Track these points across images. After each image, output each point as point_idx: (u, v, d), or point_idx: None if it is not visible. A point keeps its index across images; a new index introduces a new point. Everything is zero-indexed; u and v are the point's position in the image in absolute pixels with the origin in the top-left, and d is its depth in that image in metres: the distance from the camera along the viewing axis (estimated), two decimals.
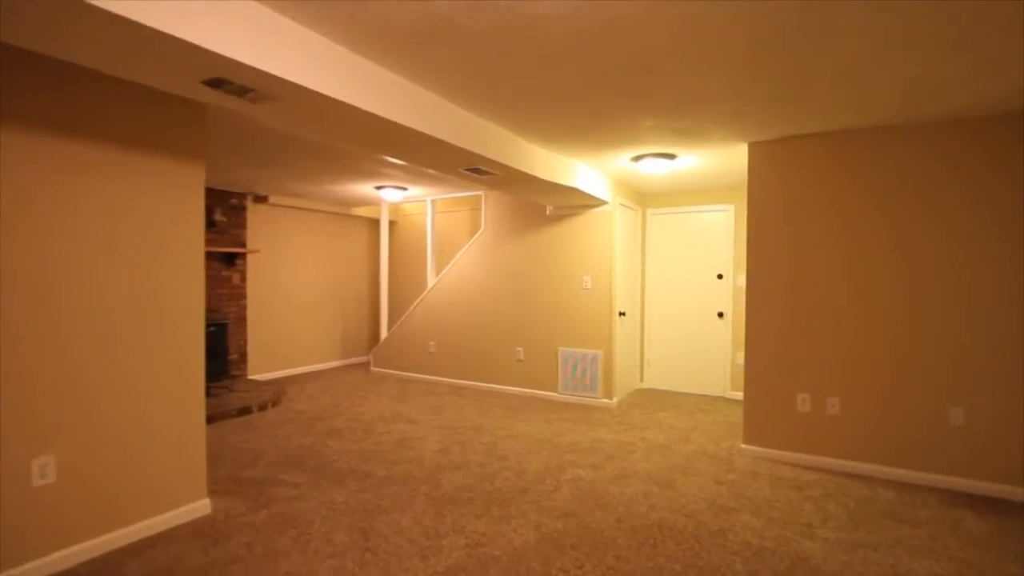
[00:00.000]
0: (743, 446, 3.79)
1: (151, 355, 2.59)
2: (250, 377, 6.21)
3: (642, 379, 6.03)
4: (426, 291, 6.32)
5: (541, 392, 5.47)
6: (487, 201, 5.84)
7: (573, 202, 5.01)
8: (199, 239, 2.80)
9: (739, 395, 5.47)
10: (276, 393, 5.35)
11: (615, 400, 5.14)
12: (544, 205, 5.44)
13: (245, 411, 4.79)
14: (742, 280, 5.45)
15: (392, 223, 7.75)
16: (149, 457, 2.58)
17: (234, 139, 3.76)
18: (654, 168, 4.20)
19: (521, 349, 5.60)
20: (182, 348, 2.72)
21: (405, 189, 5.67)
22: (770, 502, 2.98)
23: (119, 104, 2.46)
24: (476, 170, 3.55)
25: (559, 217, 5.37)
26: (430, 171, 4.63)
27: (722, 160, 4.25)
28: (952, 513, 2.86)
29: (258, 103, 2.23)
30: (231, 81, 1.97)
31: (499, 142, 3.37)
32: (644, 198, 6.00)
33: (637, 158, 4.18)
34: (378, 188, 5.59)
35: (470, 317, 5.95)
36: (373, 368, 6.80)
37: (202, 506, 2.80)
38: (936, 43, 2.19)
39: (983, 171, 3.14)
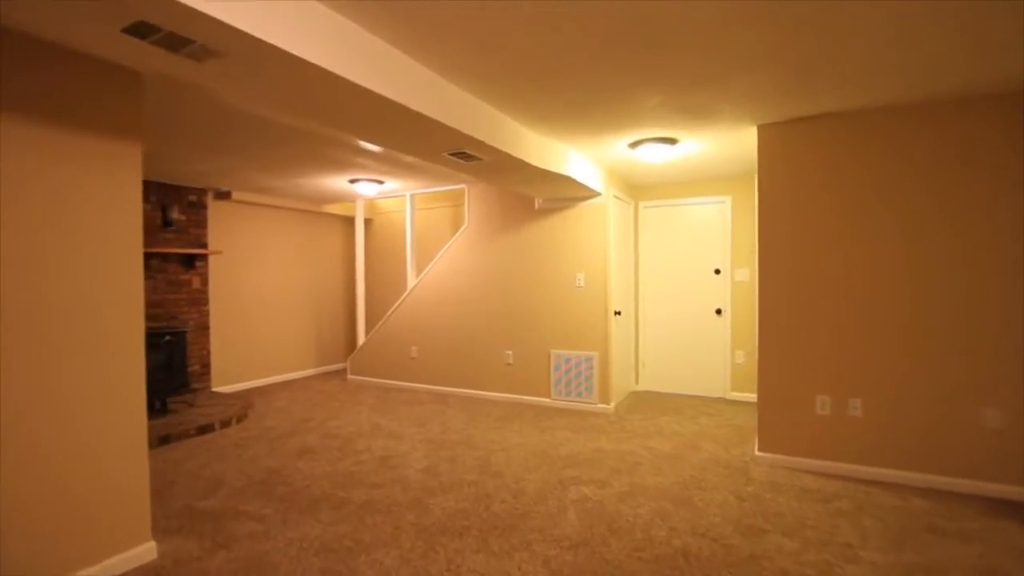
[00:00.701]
0: (759, 454, 3.49)
1: (75, 367, 2.14)
2: (214, 389, 5.70)
3: (637, 381, 5.71)
4: (406, 293, 5.90)
5: (533, 398, 5.10)
6: (471, 195, 5.46)
7: (564, 194, 4.66)
8: (135, 231, 2.36)
9: (740, 396, 5.19)
10: (242, 407, 4.87)
11: (612, 405, 4.81)
12: (533, 198, 5.08)
13: (206, 429, 4.31)
14: (742, 275, 5.19)
15: (368, 221, 7.30)
16: (75, 492, 2.13)
17: (183, 121, 3.30)
18: (653, 155, 3.88)
19: (510, 352, 5.23)
20: (117, 359, 2.27)
21: (382, 183, 5.25)
22: (800, 519, 2.67)
23: (30, 70, 2.00)
24: (462, 155, 3.16)
25: (549, 211, 5.02)
26: (409, 159, 4.22)
27: (724, 146, 3.96)
28: (999, 525, 2.59)
29: (202, 61, 1.81)
30: (158, 27, 1.55)
31: (489, 123, 2.99)
32: (636, 190, 5.69)
33: (635, 144, 3.85)
34: (352, 182, 5.15)
35: (454, 320, 5.55)
36: (350, 376, 6.34)
37: (146, 551, 2.35)
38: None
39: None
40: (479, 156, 3.21)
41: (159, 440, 3.99)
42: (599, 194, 4.71)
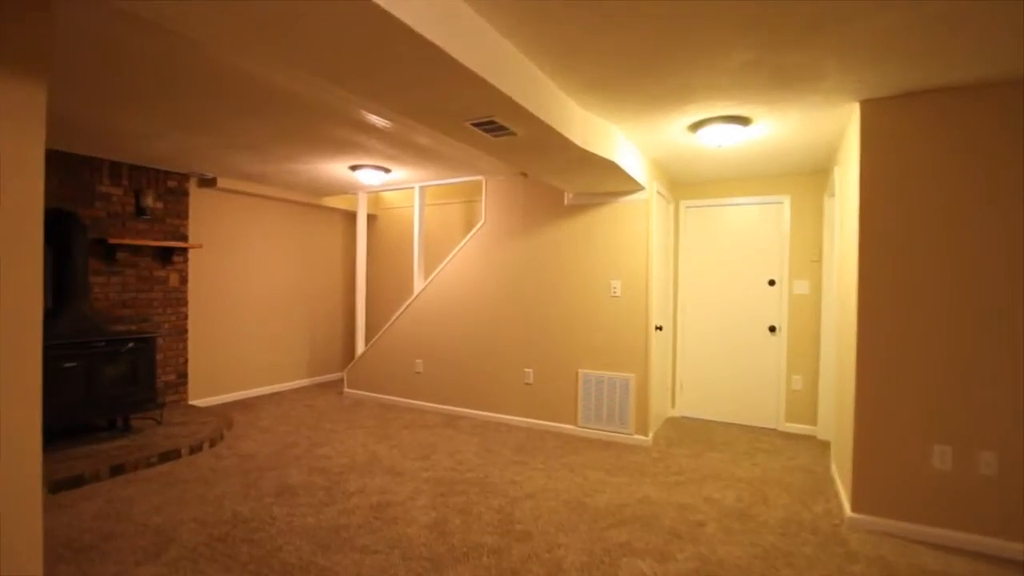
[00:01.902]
0: (853, 515, 2.76)
1: None
2: (191, 403, 5.01)
3: (673, 405, 4.99)
4: (412, 298, 5.20)
5: (557, 424, 4.39)
6: (488, 188, 4.76)
7: (602, 187, 3.96)
8: (34, 205, 1.67)
9: (797, 428, 4.46)
10: (218, 427, 4.17)
11: (650, 436, 4.08)
12: (562, 191, 4.38)
13: (170, 456, 3.61)
14: (801, 287, 4.46)
15: (371, 217, 6.62)
16: None
17: (142, 81, 2.62)
18: (719, 139, 3.18)
19: (531, 371, 4.51)
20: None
21: (388, 171, 4.56)
22: None
23: None
24: (490, 125, 2.47)
25: (581, 207, 4.31)
26: (422, 139, 3.53)
27: (802, 131, 3.26)
28: None
29: None
30: None
31: (529, 84, 2.30)
32: (677, 187, 4.98)
33: (697, 125, 3.15)
34: (354, 169, 4.47)
35: (466, 330, 4.85)
36: (347, 390, 5.64)
37: None
38: None
39: None
40: (511, 128, 2.52)
41: (110, 471, 3.29)
42: (641, 188, 4.01)
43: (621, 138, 3.39)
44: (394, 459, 3.67)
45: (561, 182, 3.83)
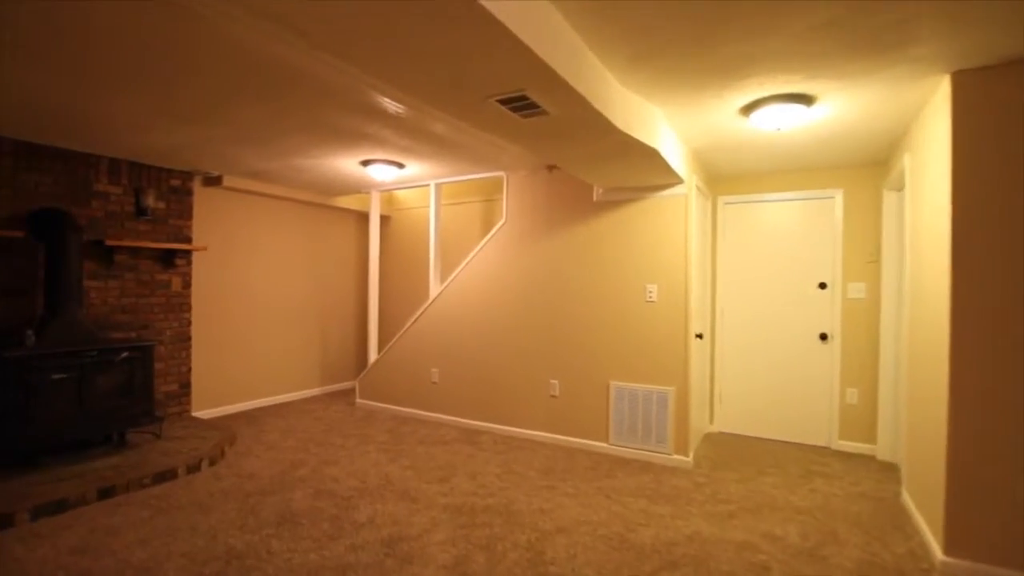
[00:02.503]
0: (946, 559, 2.34)
1: None
2: (194, 414, 4.72)
3: (712, 420, 4.57)
4: (427, 303, 4.87)
5: (586, 442, 4.00)
6: (510, 185, 4.41)
7: (637, 180, 3.59)
8: None
9: (853, 447, 4.02)
10: (220, 442, 3.87)
11: (691, 456, 3.68)
12: (590, 187, 4.02)
13: (165, 476, 3.30)
14: (857, 291, 4.03)
15: (385, 218, 6.31)
16: None
17: (115, 56, 2.32)
18: (776, 122, 2.79)
19: (556, 382, 4.14)
20: None
21: (401, 167, 4.23)
22: None
23: None
24: (520, 101, 2.12)
25: (612, 204, 3.94)
26: (439, 127, 3.19)
27: (873, 113, 2.86)
28: None
29: None
30: None
31: (569, 54, 1.95)
32: (716, 182, 4.59)
33: (750, 107, 2.77)
34: (365, 164, 4.15)
35: (486, 338, 4.49)
36: (359, 400, 5.32)
37: None
38: None
39: None
40: (543, 106, 2.16)
41: (98, 494, 2.99)
42: (680, 182, 3.63)
43: (663, 123, 3.02)
44: (408, 481, 3.32)
45: (592, 175, 3.46)
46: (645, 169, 3.21)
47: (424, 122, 3.10)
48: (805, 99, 2.67)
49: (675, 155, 3.27)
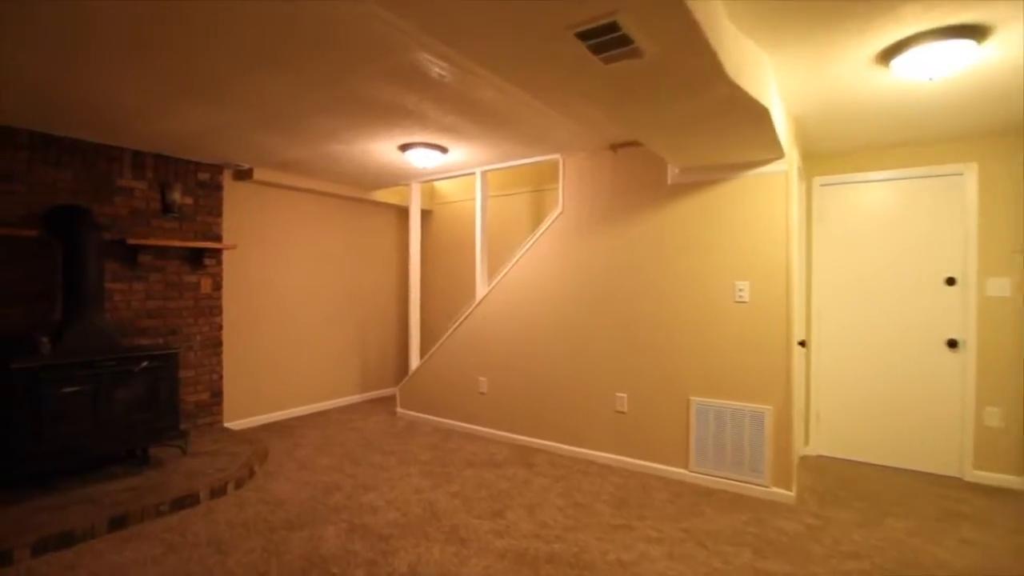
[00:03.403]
0: None
1: None
2: (226, 425, 4.39)
3: (807, 441, 3.89)
4: (474, 304, 4.38)
5: (661, 467, 3.41)
6: (566, 169, 3.86)
7: (727, 155, 2.97)
8: None
9: (993, 479, 3.28)
10: (249, 459, 3.49)
11: (794, 490, 3.03)
12: (664, 168, 3.42)
13: (184, 502, 2.93)
14: (998, 287, 3.28)
15: (426, 213, 5.87)
16: None
17: (108, 28, 1.91)
18: (931, 67, 2.13)
19: (624, 396, 3.57)
20: None
21: (444, 151, 3.75)
22: None
23: None
24: (607, 34, 1.56)
25: (691, 186, 3.33)
26: (489, 93, 2.66)
27: None
28: None
29: None
30: None
31: None
32: (808, 160, 3.90)
33: (894, 49, 2.13)
34: (404, 149, 3.69)
35: (540, 344, 3.96)
36: (399, 410, 4.89)
37: None
38: None
39: None
40: (637, 41, 1.61)
41: (109, 524, 2.63)
42: (779, 157, 2.99)
43: (771, 77, 2.41)
44: (457, 514, 2.83)
45: (673, 149, 2.87)
46: (744, 138, 2.59)
47: (471, 89, 2.58)
48: (976, 32, 2.00)
49: (779, 121, 2.65)
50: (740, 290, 3.15)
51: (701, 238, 3.29)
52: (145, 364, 3.27)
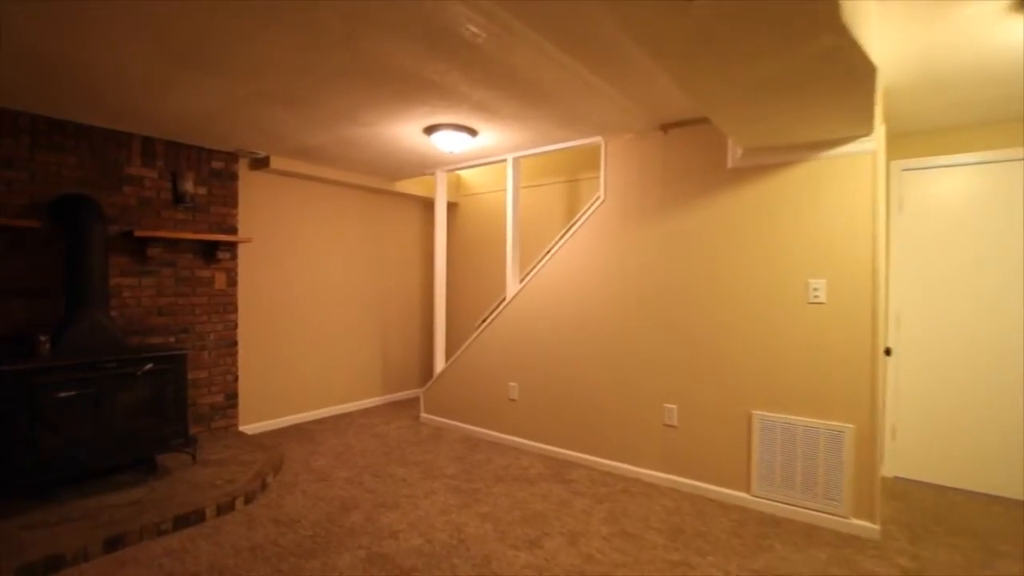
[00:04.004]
0: None
1: None
2: (241, 428, 4.15)
3: (882, 460, 3.43)
4: (502, 304, 4.03)
5: (717, 489, 3.01)
6: (609, 153, 3.47)
7: (806, 130, 2.55)
8: None
9: None
10: (262, 469, 3.22)
11: (878, 522, 2.60)
12: (723, 150, 3.01)
13: (190, 520, 2.66)
14: None
15: (451, 205, 5.54)
16: None
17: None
18: None
19: (674, 408, 3.17)
20: None
21: (473, 134, 3.40)
22: None
23: None
24: None
25: (756, 171, 2.91)
26: (524, 46, 2.29)
27: None
28: None
29: None
30: None
31: None
32: (890, 141, 3.42)
33: None
34: (429, 132, 3.35)
35: (577, 347, 3.59)
36: (423, 415, 4.58)
37: None
38: None
39: None
40: None
41: (103, 545, 2.37)
42: (865, 134, 2.55)
43: (874, 30, 1.99)
44: (488, 542, 2.48)
45: (743, 121, 2.45)
46: (836, 107, 2.17)
47: (508, 53, 2.22)
48: None
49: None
50: (815, 289, 2.72)
51: (767, 229, 2.87)
52: (149, 367, 3.01)
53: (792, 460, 2.77)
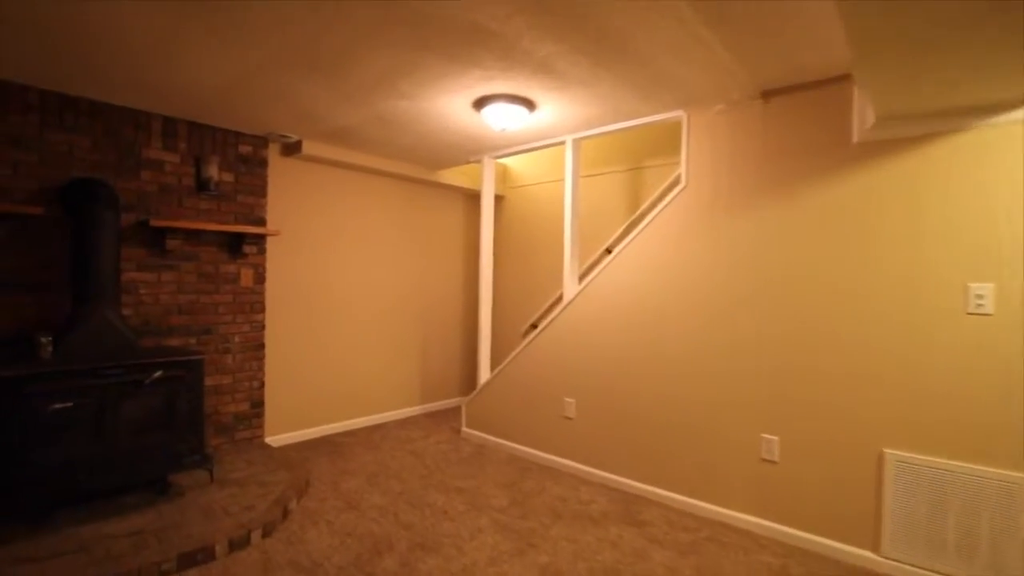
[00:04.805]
0: None
1: None
2: (267, 439, 3.77)
3: None
4: (560, 308, 3.51)
5: (829, 543, 2.41)
6: (692, 130, 2.91)
7: (968, 92, 1.93)
8: None
9: None
10: (285, 493, 2.80)
11: None
12: (845, 121, 2.40)
13: (196, 559, 2.25)
14: None
15: (497, 199, 5.07)
16: None
17: None
18: None
19: (775, 440, 2.58)
20: None
21: (531, 107, 2.90)
22: None
23: None
24: None
25: (891, 145, 2.30)
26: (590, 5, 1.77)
27: None
28: None
29: None
30: None
31: None
32: None
33: None
34: (480, 105, 2.87)
35: (649, 362, 3.04)
36: (465, 429, 4.11)
37: None
38: None
39: None
40: None
41: None
42: None
43: None
44: None
45: (901, 76, 1.85)
46: (1002, 65, 1.55)
47: (572, 2, 1.71)
48: None
49: None
50: (978, 296, 2.10)
51: (909, 219, 2.25)
52: (159, 374, 2.64)
53: (942, 515, 2.15)
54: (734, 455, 2.71)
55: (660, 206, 3.00)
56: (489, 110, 2.83)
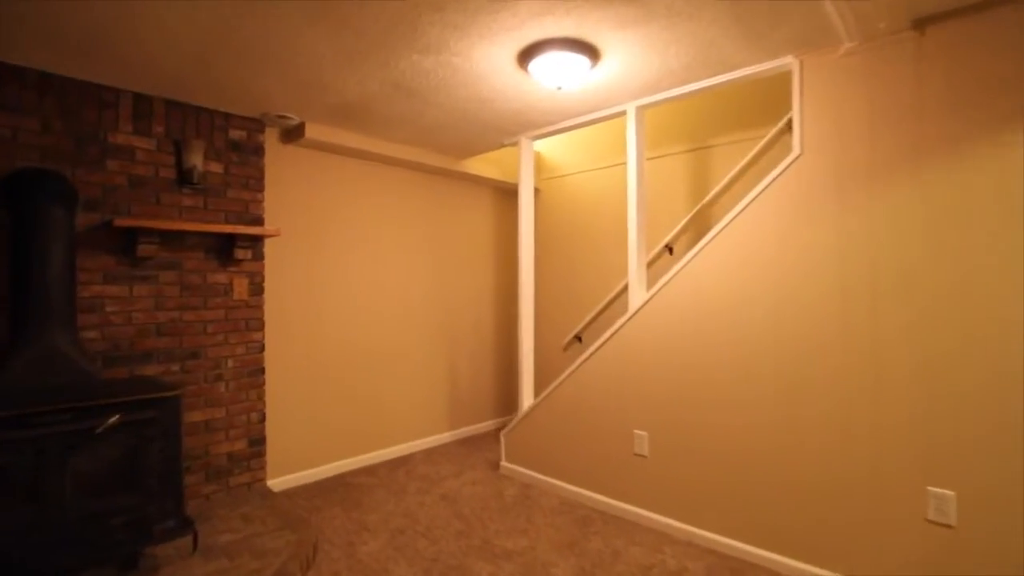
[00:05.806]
0: None
1: None
2: (269, 483, 3.14)
3: None
4: (625, 317, 2.82)
5: None
6: (806, 84, 2.22)
7: None
8: None
9: None
10: (286, 567, 2.15)
11: None
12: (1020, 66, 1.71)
13: None
14: None
15: (536, 192, 4.40)
16: None
17: None
18: None
19: (950, 495, 1.86)
20: None
21: (595, 58, 2.23)
22: None
23: None
24: None
25: None
26: None
27: None
28: None
29: None
30: None
31: None
32: None
33: None
34: (526, 59, 2.21)
35: (754, 383, 2.34)
36: (505, 464, 3.44)
37: None
38: None
39: None
40: None
41: None
42: None
43: None
44: None
45: None
46: None
47: None
48: None
49: None
50: None
51: None
52: (115, 419, 2.00)
53: None
54: (886, 514, 1.99)
55: (767, 181, 2.30)
56: (539, 62, 2.17)
